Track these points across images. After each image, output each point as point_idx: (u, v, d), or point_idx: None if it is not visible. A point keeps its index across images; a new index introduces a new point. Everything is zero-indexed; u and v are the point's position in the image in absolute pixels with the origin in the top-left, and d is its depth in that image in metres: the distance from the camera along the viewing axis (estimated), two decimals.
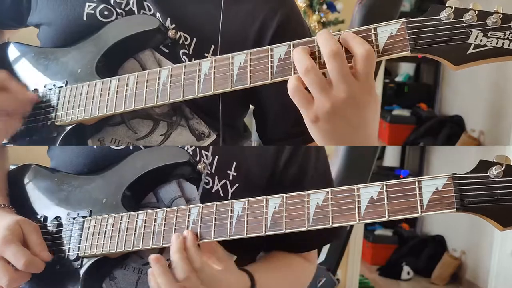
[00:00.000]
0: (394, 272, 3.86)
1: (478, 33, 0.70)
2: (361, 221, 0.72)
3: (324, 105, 0.71)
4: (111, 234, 0.86)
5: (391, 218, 0.71)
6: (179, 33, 0.92)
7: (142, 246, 0.84)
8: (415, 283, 3.84)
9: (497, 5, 0.70)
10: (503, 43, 0.69)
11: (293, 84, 0.73)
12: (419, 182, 0.70)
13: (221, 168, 0.91)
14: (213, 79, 0.80)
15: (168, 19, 0.93)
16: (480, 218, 0.68)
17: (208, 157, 0.91)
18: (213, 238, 0.80)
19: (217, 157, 0.91)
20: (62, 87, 0.92)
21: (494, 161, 0.68)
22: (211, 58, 0.81)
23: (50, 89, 0.93)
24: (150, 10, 0.94)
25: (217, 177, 0.90)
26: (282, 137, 0.98)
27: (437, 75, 4.28)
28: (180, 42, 0.92)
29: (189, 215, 0.82)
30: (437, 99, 4.28)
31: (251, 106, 1.02)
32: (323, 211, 0.74)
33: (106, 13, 0.93)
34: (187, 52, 0.92)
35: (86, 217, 0.90)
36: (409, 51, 0.72)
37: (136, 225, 0.85)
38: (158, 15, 0.93)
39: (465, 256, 3.79)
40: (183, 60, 0.91)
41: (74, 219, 0.90)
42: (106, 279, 0.88)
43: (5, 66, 0.98)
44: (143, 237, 0.84)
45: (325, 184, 0.79)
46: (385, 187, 0.72)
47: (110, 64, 0.92)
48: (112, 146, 0.93)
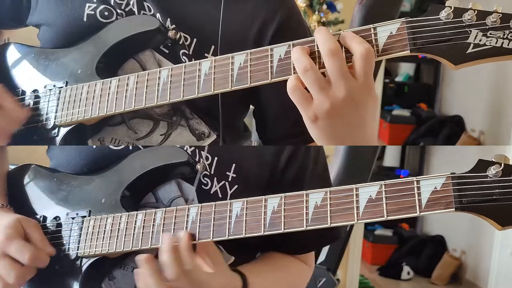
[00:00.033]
0: (394, 272, 3.86)
1: (477, 33, 0.70)
2: (360, 221, 0.72)
3: (323, 105, 0.71)
4: (110, 234, 0.86)
5: (390, 217, 0.71)
6: (179, 34, 0.92)
7: (141, 246, 0.83)
8: (415, 283, 3.84)
9: (497, 5, 0.70)
10: (503, 43, 0.69)
11: (292, 83, 0.73)
12: (418, 181, 0.70)
13: (220, 169, 0.91)
14: (213, 79, 0.80)
15: (168, 19, 0.93)
16: (479, 218, 0.68)
17: (207, 158, 0.91)
18: (211, 238, 0.80)
19: (216, 158, 0.91)
20: (62, 87, 0.92)
21: (492, 160, 0.68)
22: (211, 58, 0.81)
23: (50, 90, 0.93)
24: (150, 10, 0.94)
25: (216, 178, 0.90)
26: (282, 137, 0.98)
27: (437, 75, 4.28)
28: (180, 42, 0.92)
29: (188, 215, 0.82)
30: (437, 99, 4.28)
31: (251, 106, 1.02)
32: (322, 210, 0.74)
33: (106, 13, 0.93)
34: (187, 52, 0.92)
35: (85, 217, 0.90)
36: (409, 51, 0.72)
37: (135, 225, 0.85)
38: (158, 15, 0.93)
39: (465, 256, 3.79)
40: (183, 60, 0.91)
41: (73, 219, 0.90)
42: (105, 279, 0.89)
43: (4, 67, 0.99)
44: (142, 237, 0.84)
45: (324, 185, 0.79)
46: (383, 186, 0.72)
47: (110, 64, 0.92)
48: (111, 146, 0.93)
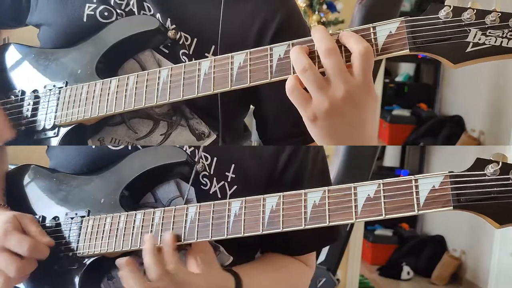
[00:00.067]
0: (394, 272, 3.86)
1: (476, 32, 0.70)
2: (358, 220, 0.72)
3: (322, 104, 0.71)
4: (109, 233, 0.86)
5: (388, 216, 0.71)
6: (179, 34, 0.92)
7: (140, 245, 0.83)
8: (415, 283, 3.83)
9: (496, 4, 0.70)
10: (502, 42, 0.69)
11: (290, 84, 0.73)
12: (416, 180, 0.70)
13: (220, 169, 0.91)
14: (213, 79, 0.80)
15: (168, 19, 0.93)
16: (478, 216, 0.68)
17: (207, 158, 0.91)
18: (210, 237, 0.80)
19: (215, 158, 0.91)
20: (62, 87, 0.92)
21: (490, 159, 0.68)
22: (210, 58, 0.81)
23: (50, 90, 0.93)
24: (150, 10, 0.94)
25: (215, 178, 0.90)
26: (282, 137, 0.98)
27: (437, 75, 4.28)
28: (180, 42, 0.92)
29: (186, 215, 0.82)
30: (437, 99, 4.28)
31: (251, 106, 1.02)
32: (320, 209, 0.74)
33: (106, 14, 0.93)
34: (187, 52, 0.92)
35: (84, 217, 0.90)
36: (408, 50, 0.72)
37: (134, 224, 0.85)
38: (158, 15, 0.93)
39: (465, 256, 3.79)
40: (183, 60, 0.91)
41: (72, 219, 0.90)
42: (104, 279, 0.89)
43: (4, 67, 0.99)
44: (141, 236, 0.84)
45: (324, 184, 0.79)
46: (381, 185, 0.72)
47: (110, 64, 0.92)
48: (110, 146, 0.93)
